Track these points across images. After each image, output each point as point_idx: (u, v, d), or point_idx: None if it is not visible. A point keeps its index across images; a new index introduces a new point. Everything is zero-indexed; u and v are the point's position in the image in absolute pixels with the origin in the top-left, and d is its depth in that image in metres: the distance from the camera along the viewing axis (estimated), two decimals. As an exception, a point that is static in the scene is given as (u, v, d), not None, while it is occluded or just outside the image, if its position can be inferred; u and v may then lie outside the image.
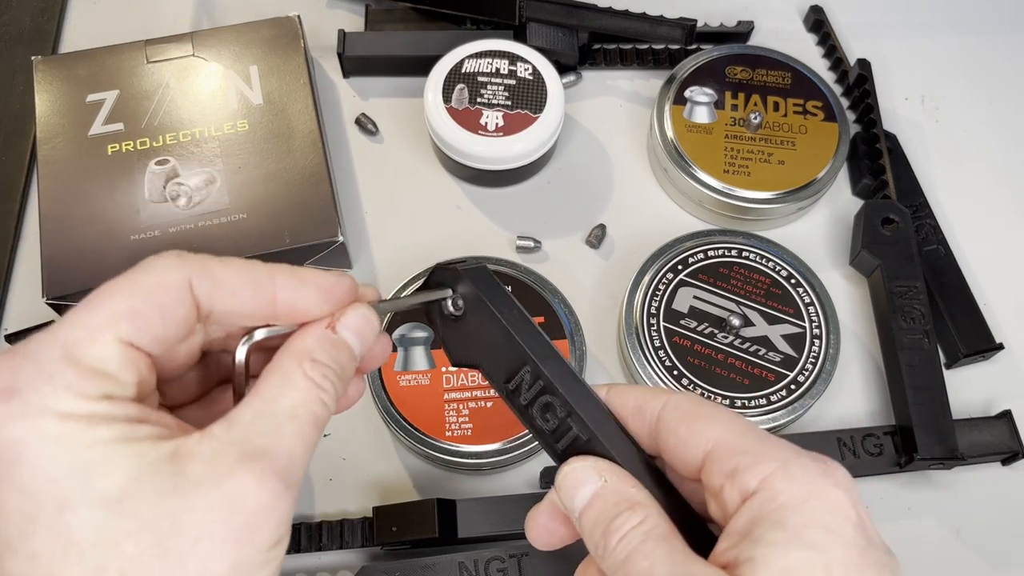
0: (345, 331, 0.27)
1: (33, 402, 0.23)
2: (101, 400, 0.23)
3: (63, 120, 0.54)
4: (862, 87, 0.60)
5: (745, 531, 0.24)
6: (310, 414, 0.25)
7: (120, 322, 0.24)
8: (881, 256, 0.53)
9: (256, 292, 0.26)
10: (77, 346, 0.23)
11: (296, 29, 0.58)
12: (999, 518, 0.49)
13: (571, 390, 0.29)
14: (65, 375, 0.23)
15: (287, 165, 0.53)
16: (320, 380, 0.26)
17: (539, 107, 0.55)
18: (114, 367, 0.24)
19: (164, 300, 0.25)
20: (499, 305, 0.30)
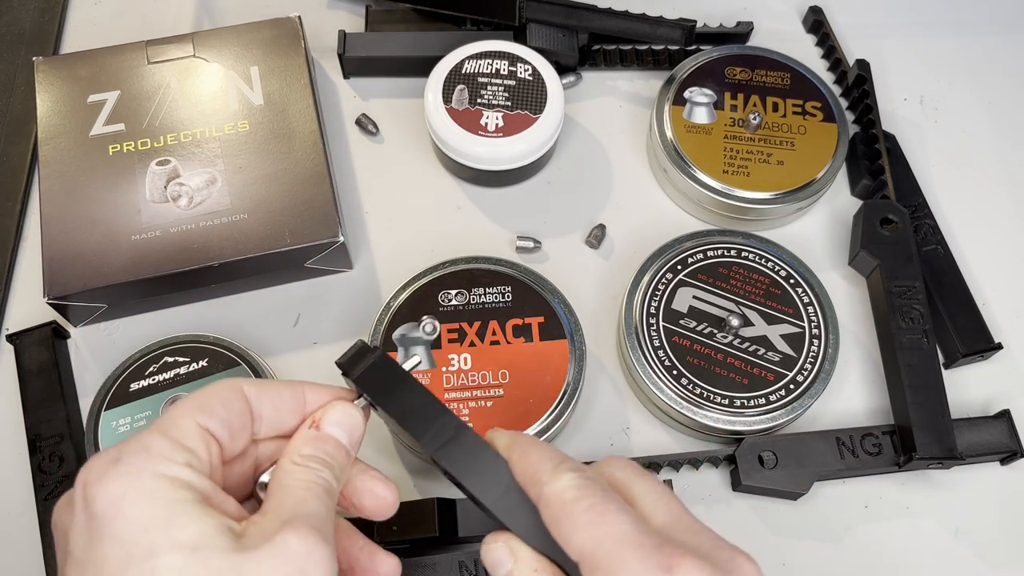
0: (328, 426, 0.33)
1: (133, 464, 0.28)
2: (184, 467, 0.29)
3: (64, 120, 0.54)
4: (861, 87, 0.60)
5: None
6: (317, 484, 0.31)
7: (195, 411, 0.30)
8: (880, 256, 0.53)
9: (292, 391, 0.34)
10: (167, 427, 0.30)
11: (297, 30, 0.58)
12: (997, 518, 0.50)
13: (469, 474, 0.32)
14: (159, 444, 0.29)
15: (288, 165, 0.53)
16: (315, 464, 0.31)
17: (539, 108, 0.55)
18: (193, 443, 0.30)
19: (224, 396, 0.32)
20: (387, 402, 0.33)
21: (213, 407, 0.31)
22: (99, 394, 0.49)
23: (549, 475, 0.30)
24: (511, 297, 0.51)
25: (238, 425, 0.32)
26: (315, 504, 0.30)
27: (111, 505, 0.27)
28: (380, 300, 0.54)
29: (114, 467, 0.28)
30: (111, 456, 0.28)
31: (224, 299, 0.55)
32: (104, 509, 0.27)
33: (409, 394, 0.33)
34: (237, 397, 0.32)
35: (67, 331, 0.53)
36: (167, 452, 0.29)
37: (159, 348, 0.50)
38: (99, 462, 0.28)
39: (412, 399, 0.33)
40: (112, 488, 0.27)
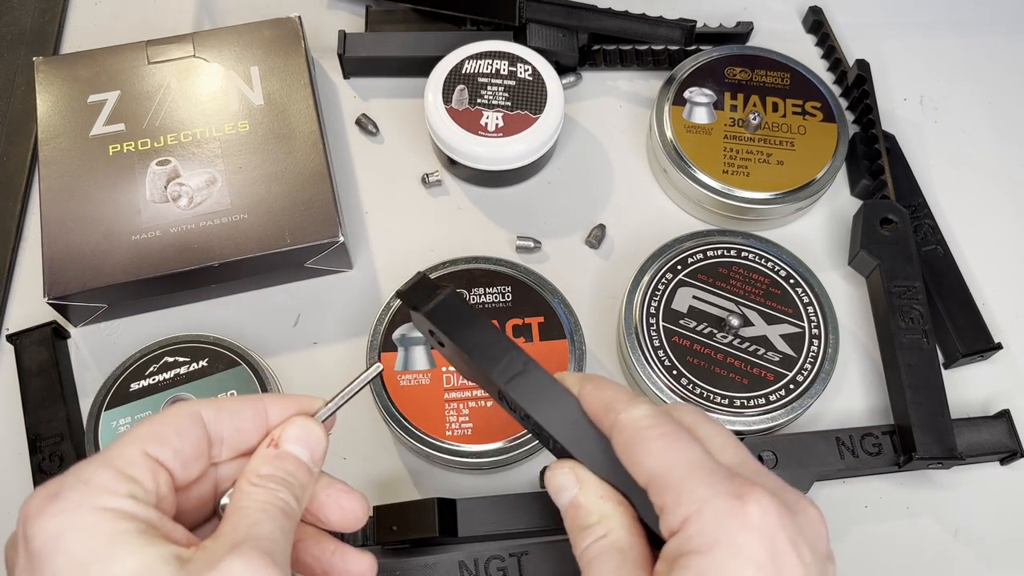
0: (287, 444, 0.32)
1: (72, 499, 0.27)
2: (127, 498, 0.28)
3: (64, 120, 0.54)
4: (861, 87, 0.60)
5: (670, 562, 0.27)
6: (273, 506, 0.30)
7: (144, 439, 0.29)
8: (880, 256, 0.53)
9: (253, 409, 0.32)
10: (111, 457, 0.29)
11: (297, 30, 0.58)
12: (997, 517, 0.50)
13: (538, 406, 0.32)
14: (100, 476, 0.28)
15: (288, 165, 0.53)
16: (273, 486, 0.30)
17: (539, 108, 0.55)
18: (139, 473, 0.28)
19: (179, 424, 0.30)
20: (457, 336, 0.33)
21: (166, 436, 0.30)
22: (99, 394, 0.49)
23: (625, 404, 0.30)
24: (511, 297, 0.51)
25: (192, 453, 0.30)
26: (269, 526, 0.29)
27: (49, 542, 0.26)
28: (380, 300, 0.54)
29: (52, 503, 0.27)
30: (50, 491, 0.27)
31: (224, 299, 0.55)
32: (42, 547, 0.26)
33: (478, 329, 0.33)
34: (194, 424, 0.31)
35: (67, 331, 0.53)
36: (108, 483, 0.28)
37: (159, 348, 0.50)
38: (37, 498, 0.27)
39: (481, 334, 0.33)
40: (50, 525, 0.26)
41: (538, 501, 0.45)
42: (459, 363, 0.35)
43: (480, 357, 0.33)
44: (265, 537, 0.28)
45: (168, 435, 0.30)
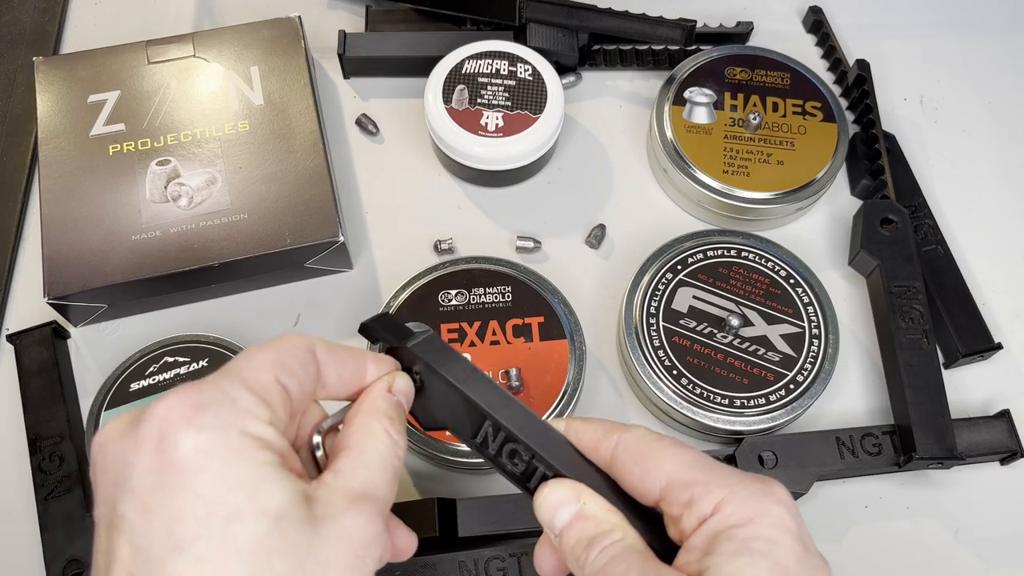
0: (400, 394, 0.33)
1: (222, 416, 0.26)
2: (268, 426, 0.28)
3: (64, 120, 0.54)
4: (861, 87, 0.60)
5: (703, 547, 0.28)
6: (392, 466, 0.30)
7: (276, 366, 0.29)
8: (880, 256, 0.53)
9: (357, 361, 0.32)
10: (250, 380, 0.28)
11: (297, 30, 0.58)
12: (997, 517, 0.50)
13: (531, 434, 0.32)
14: (245, 398, 0.27)
15: (288, 165, 0.53)
16: (396, 436, 0.31)
17: (539, 108, 0.55)
18: (274, 400, 0.28)
19: (299, 355, 0.30)
20: (451, 370, 0.33)
21: (291, 364, 0.30)
22: (99, 394, 0.49)
23: (623, 429, 0.32)
24: (511, 297, 0.51)
25: (309, 388, 0.31)
26: (384, 487, 0.29)
27: (196, 457, 0.25)
28: (380, 300, 0.54)
29: (200, 415, 0.26)
30: (194, 400, 0.26)
31: (224, 299, 0.55)
32: (188, 458, 0.25)
33: (462, 364, 0.34)
34: (311, 359, 0.31)
35: (67, 331, 0.53)
36: (253, 408, 0.27)
37: (159, 348, 0.50)
38: (181, 403, 0.26)
39: (465, 369, 0.33)
40: (199, 439, 0.26)
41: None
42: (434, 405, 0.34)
43: (472, 388, 0.33)
44: (381, 497, 0.29)
45: (294, 366, 0.30)
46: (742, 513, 0.28)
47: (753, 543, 0.27)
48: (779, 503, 0.29)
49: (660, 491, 0.30)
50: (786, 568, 0.27)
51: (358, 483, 0.29)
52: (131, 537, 0.25)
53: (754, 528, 0.28)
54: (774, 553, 0.27)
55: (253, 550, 0.25)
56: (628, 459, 0.31)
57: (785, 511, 0.28)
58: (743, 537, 0.28)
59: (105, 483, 0.27)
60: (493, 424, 0.32)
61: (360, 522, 0.27)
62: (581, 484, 0.31)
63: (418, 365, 0.34)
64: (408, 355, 0.34)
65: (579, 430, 0.32)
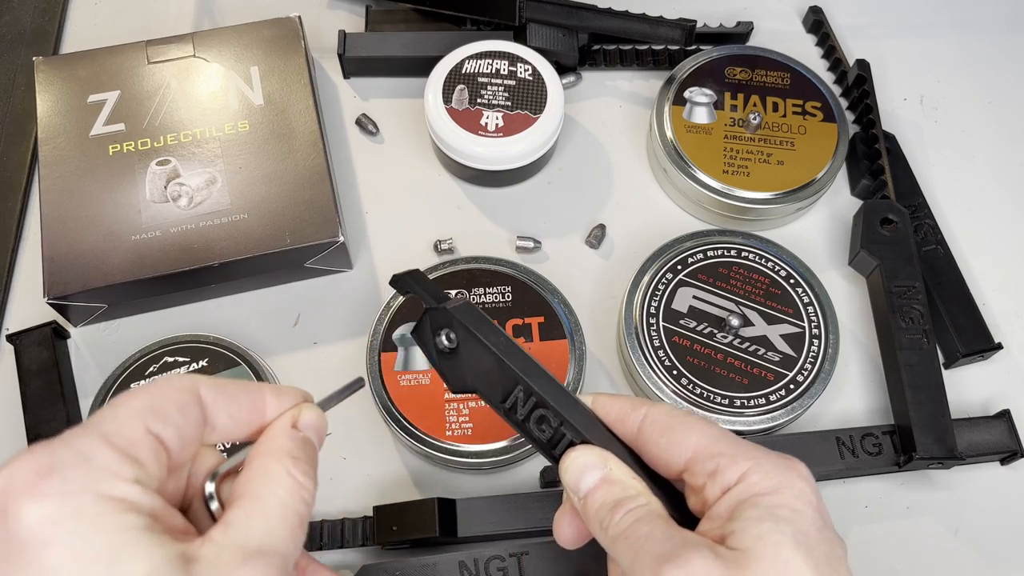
0: (307, 429, 0.30)
1: (72, 480, 0.23)
2: (133, 484, 0.24)
3: (64, 120, 0.54)
4: (861, 87, 0.60)
5: (726, 514, 0.29)
6: (296, 514, 0.27)
7: (146, 415, 0.26)
8: (880, 256, 0.53)
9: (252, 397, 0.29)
10: (111, 433, 0.25)
11: (297, 30, 0.58)
12: (998, 517, 0.50)
13: (561, 402, 0.33)
14: (103, 456, 0.24)
15: (288, 165, 0.53)
16: (302, 477, 0.28)
17: (539, 108, 0.55)
18: (143, 454, 0.25)
19: (180, 399, 0.27)
20: (488, 335, 0.34)
21: (167, 411, 0.26)
22: (99, 394, 0.49)
23: (649, 404, 0.32)
24: (511, 297, 0.51)
25: (191, 435, 0.27)
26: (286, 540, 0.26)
27: (41, 529, 0.23)
28: (380, 300, 0.54)
29: (45, 481, 0.23)
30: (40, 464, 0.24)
31: (224, 299, 0.55)
32: (31, 533, 0.23)
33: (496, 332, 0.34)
34: (193, 402, 0.27)
35: (67, 331, 0.53)
36: (112, 465, 0.24)
37: (159, 348, 0.50)
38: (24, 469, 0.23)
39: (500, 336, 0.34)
40: (44, 508, 0.23)
41: (538, 501, 0.45)
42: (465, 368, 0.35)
43: (508, 354, 0.33)
44: (280, 552, 0.26)
45: (170, 411, 0.27)
46: (767, 483, 0.29)
47: (778, 510, 0.28)
48: (801, 477, 0.30)
49: (685, 461, 0.31)
50: (808, 537, 0.28)
51: (253, 537, 0.25)
52: None
53: (779, 497, 0.29)
54: (797, 521, 0.28)
55: None
56: (655, 431, 0.31)
57: (807, 485, 0.29)
58: (768, 504, 0.28)
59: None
60: (525, 390, 0.33)
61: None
62: (607, 452, 0.32)
63: (456, 328, 0.34)
64: (444, 317, 0.34)
65: (606, 404, 0.33)
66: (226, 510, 0.27)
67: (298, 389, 0.31)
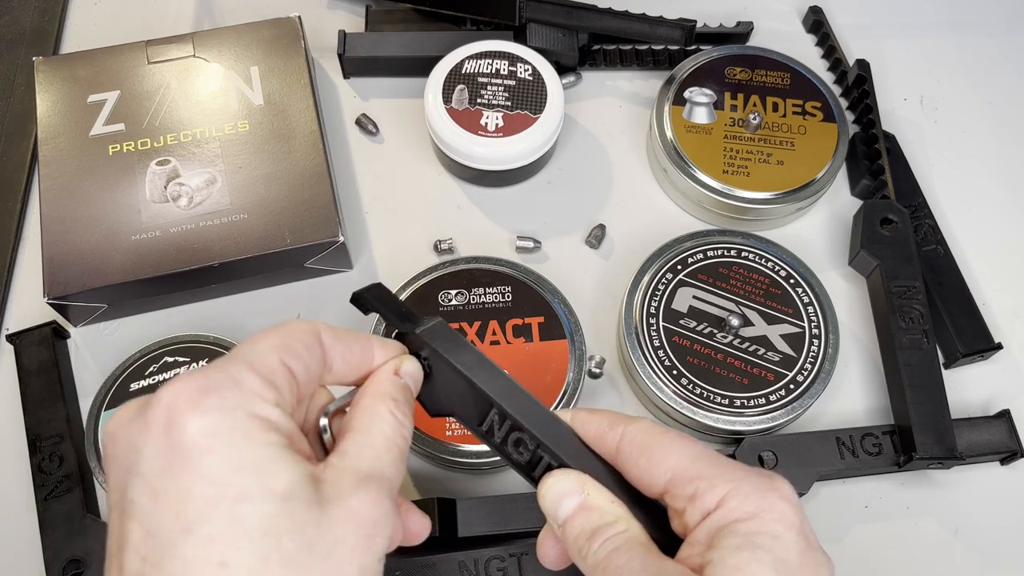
0: (407, 376, 0.33)
1: (228, 399, 0.27)
2: (274, 407, 0.28)
3: (64, 120, 0.54)
4: (861, 87, 0.60)
5: (706, 540, 0.28)
6: (398, 446, 0.30)
7: (280, 349, 0.29)
8: (880, 256, 0.53)
9: (363, 346, 0.33)
10: (255, 362, 0.28)
11: (297, 30, 0.58)
12: (998, 517, 0.50)
13: (537, 424, 0.32)
14: (251, 381, 0.28)
15: (288, 165, 0.53)
16: (402, 417, 0.31)
17: (539, 108, 0.55)
18: (280, 382, 0.29)
19: (304, 339, 0.30)
20: (458, 357, 0.33)
21: (296, 348, 0.30)
22: (99, 394, 0.49)
23: (628, 420, 0.32)
24: (511, 297, 0.51)
25: (315, 371, 0.31)
26: (390, 467, 0.30)
27: (203, 439, 0.26)
28: (380, 300, 0.54)
29: (206, 398, 0.26)
30: (199, 384, 0.27)
31: (224, 299, 0.55)
32: (194, 441, 0.26)
33: (470, 352, 0.34)
34: (316, 342, 0.31)
35: (67, 331, 0.53)
36: (258, 389, 0.28)
37: (159, 348, 0.50)
38: (187, 387, 0.26)
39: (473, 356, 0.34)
40: (205, 421, 0.26)
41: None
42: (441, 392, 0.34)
43: (479, 376, 0.33)
44: (388, 477, 0.29)
45: (299, 348, 0.30)
46: (746, 508, 0.28)
47: (756, 538, 0.28)
48: (783, 499, 0.29)
49: (665, 484, 0.30)
50: (788, 563, 0.27)
51: (364, 464, 0.29)
52: (141, 521, 0.26)
53: (757, 523, 0.28)
54: (777, 548, 0.27)
55: (262, 530, 0.25)
56: (633, 451, 0.31)
57: (789, 506, 0.29)
58: (746, 532, 0.28)
59: (116, 469, 0.27)
60: (499, 412, 0.32)
61: (367, 502, 0.28)
62: (585, 475, 0.31)
63: (426, 351, 0.34)
64: (416, 341, 0.34)
65: (585, 421, 0.33)
66: (339, 441, 0.30)
67: (399, 343, 0.34)
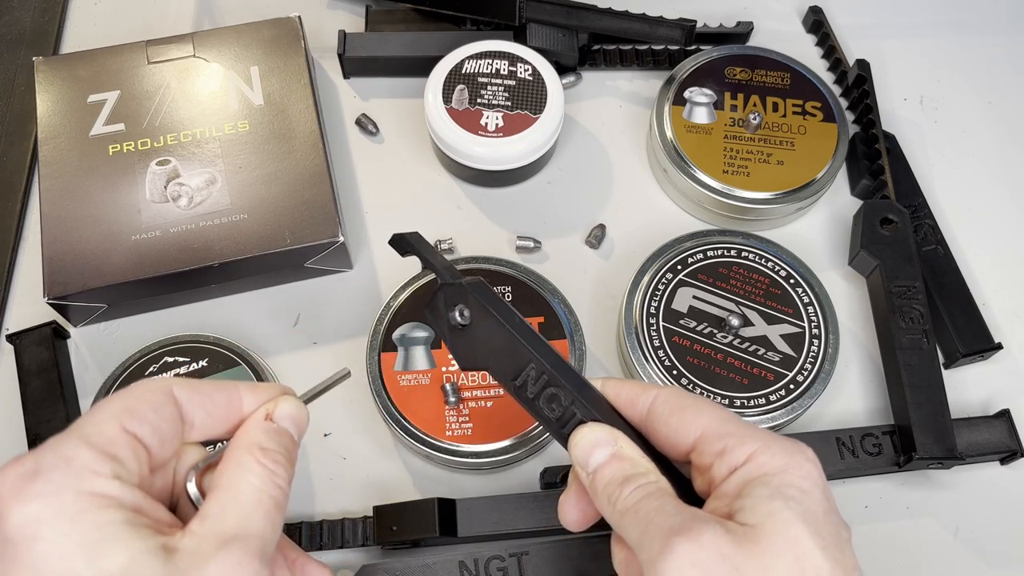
0: (283, 420, 0.31)
1: (55, 480, 0.25)
2: (113, 480, 0.26)
3: (64, 120, 0.54)
4: (861, 87, 0.60)
5: (734, 492, 0.29)
6: (270, 498, 0.28)
7: (121, 415, 0.27)
8: (880, 256, 0.53)
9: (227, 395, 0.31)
10: (90, 434, 0.27)
11: (297, 30, 0.58)
12: (998, 517, 0.50)
13: (573, 381, 0.33)
14: (83, 456, 0.26)
15: (288, 165, 0.53)
16: (273, 466, 0.29)
17: (539, 108, 0.55)
18: (121, 451, 0.27)
19: (154, 399, 0.29)
20: (502, 314, 0.34)
21: (142, 411, 0.28)
22: (99, 394, 0.49)
23: (659, 387, 0.33)
24: (511, 297, 0.51)
25: (169, 432, 0.29)
26: (261, 523, 0.28)
27: (28, 527, 0.24)
28: (380, 300, 0.54)
29: (31, 483, 0.25)
30: (27, 468, 0.25)
31: (224, 299, 0.55)
32: (19, 532, 0.24)
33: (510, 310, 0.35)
34: (167, 401, 0.29)
35: (67, 331, 0.53)
36: (91, 464, 0.26)
37: (159, 348, 0.50)
38: (11, 475, 0.25)
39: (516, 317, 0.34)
40: (29, 509, 0.24)
41: (538, 501, 0.45)
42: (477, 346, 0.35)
43: (523, 333, 0.34)
44: (257, 535, 0.27)
45: (144, 411, 0.28)
46: (776, 463, 0.29)
47: (787, 489, 0.28)
48: (808, 460, 0.30)
49: (694, 440, 0.31)
50: (816, 517, 0.28)
51: (229, 523, 0.27)
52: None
53: (787, 476, 0.29)
54: (806, 501, 0.28)
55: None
56: (665, 411, 0.32)
57: (814, 467, 0.30)
58: (777, 483, 0.29)
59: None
60: (537, 368, 0.34)
61: (228, 567, 0.26)
62: (617, 430, 0.33)
63: (470, 304, 0.34)
64: (460, 293, 0.35)
65: (616, 387, 0.34)
66: (203, 503, 0.28)
67: (277, 384, 0.33)
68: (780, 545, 0.27)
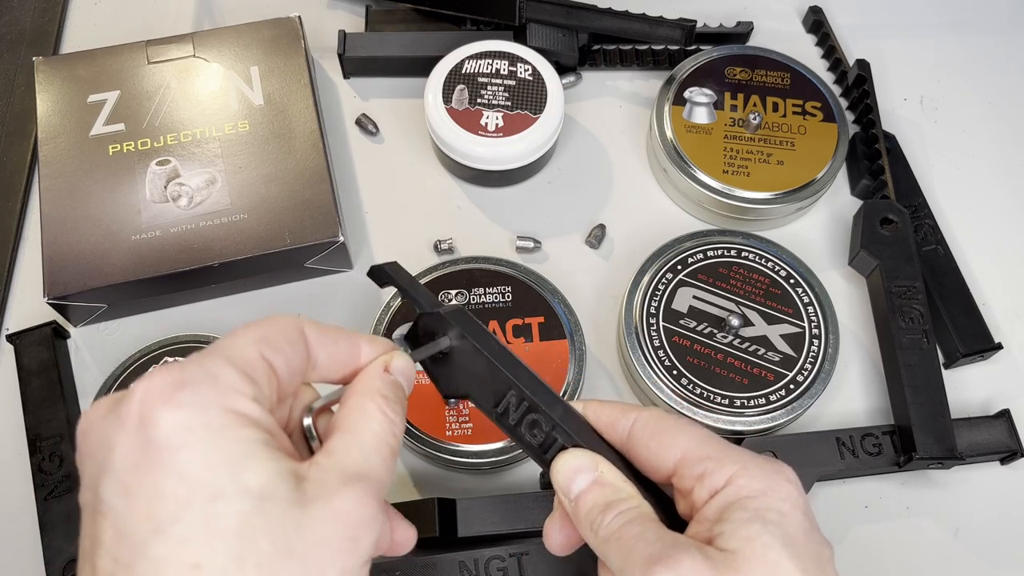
0: (397, 373, 0.32)
1: (203, 394, 0.26)
2: (252, 402, 0.27)
3: (64, 120, 0.54)
4: (861, 87, 0.60)
5: (715, 516, 0.29)
6: (388, 446, 0.30)
7: (260, 343, 0.28)
8: (880, 256, 0.53)
9: (349, 342, 0.32)
10: (233, 356, 0.27)
11: (297, 30, 0.58)
12: (998, 517, 0.50)
13: (553, 407, 0.33)
14: (228, 375, 0.27)
15: (288, 165, 0.53)
16: (392, 415, 0.30)
17: (539, 108, 0.55)
18: (259, 376, 0.28)
19: (287, 333, 0.29)
20: (481, 341, 0.34)
21: (278, 342, 0.29)
22: (99, 394, 0.49)
23: (640, 408, 0.33)
24: (511, 297, 0.51)
25: (298, 367, 0.30)
26: (379, 467, 0.29)
27: (176, 435, 0.25)
28: (380, 300, 0.54)
29: (180, 392, 0.25)
30: (174, 379, 0.26)
31: (224, 299, 0.55)
32: (167, 437, 0.25)
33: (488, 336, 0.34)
34: (300, 337, 0.30)
35: (67, 331, 0.53)
36: (236, 384, 0.27)
37: (159, 348, 0.50)
38: (161, 382, 0.26)
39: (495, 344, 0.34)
40: (178, 417, 0.25)
41: (538, 501, 0.45)
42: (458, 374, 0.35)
43: (501, 360, 0.33)
44: (377, 478, 0.28)
45: (280, 342, 0.29)
46: (755, 486, 0.29)
47: (766, 513, 0.28)
48: (788, 481, 0.30)
49: (674, 464, 0.31)
50: (795, 540, 0.28)
51: (352, 463, 0.28)
52: (113, 521, 0.25)
53: (766, 500, 0.29)
54: (785, 524, 0.28)
55: (236, 530, 0.24)
56: (645, 434, 0.32)
57: (794, 488, 0.30)
58: (756, 507, 0.29)
59: (88, 467, 0.26)
60: (517, 395, 0.33)
61: (352, 502, 0.27)
62: (598, 455, 0.32)
63: (451, 333, 0.34)
64: (439, 321, 0.34)
65: (597, 410, 0.33)
66: (327, 440, 0.29)
67: (388, 340, 0.34)
68: (759, 571, 0.27)
